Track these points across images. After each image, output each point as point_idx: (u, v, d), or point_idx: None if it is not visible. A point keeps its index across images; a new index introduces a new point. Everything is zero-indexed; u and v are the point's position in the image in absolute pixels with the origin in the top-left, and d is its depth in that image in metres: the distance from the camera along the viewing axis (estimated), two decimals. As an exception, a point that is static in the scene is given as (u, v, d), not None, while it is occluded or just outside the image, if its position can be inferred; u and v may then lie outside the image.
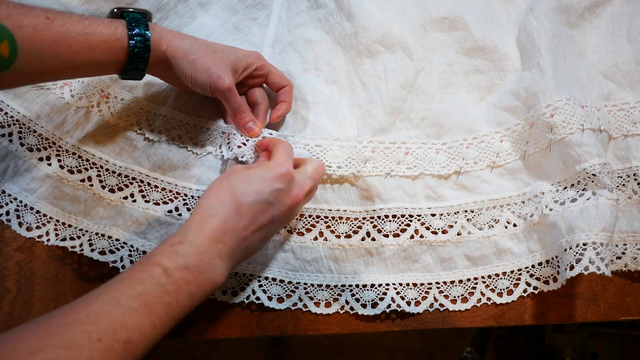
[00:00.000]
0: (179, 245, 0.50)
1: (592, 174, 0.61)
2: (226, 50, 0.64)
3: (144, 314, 0.45)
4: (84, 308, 0.44)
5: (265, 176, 0.55)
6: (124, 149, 0.69)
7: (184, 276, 0.48)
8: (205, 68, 0.60)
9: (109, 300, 0.44)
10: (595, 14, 0.74)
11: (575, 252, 0.58)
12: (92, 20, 0.56)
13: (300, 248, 0.67)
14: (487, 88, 0.72)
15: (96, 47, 0.55)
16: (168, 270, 0.48)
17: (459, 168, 0.68)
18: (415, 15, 0.73)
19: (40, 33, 0.52)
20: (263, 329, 0.67)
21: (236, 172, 0.56)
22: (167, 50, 0.60)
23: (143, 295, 0.46)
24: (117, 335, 0.43)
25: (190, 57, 0.60)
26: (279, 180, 0.55)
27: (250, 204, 0.53)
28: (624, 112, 0.69)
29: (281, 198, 0.56)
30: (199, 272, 0.49)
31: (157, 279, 0.47)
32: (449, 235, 0.67)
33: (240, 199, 0.53)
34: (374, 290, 0.65)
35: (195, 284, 0.49)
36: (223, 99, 0.63)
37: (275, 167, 0.56)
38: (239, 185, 0.54)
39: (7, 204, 0.68)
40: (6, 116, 0.68)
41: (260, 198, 0.54)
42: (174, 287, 0.47)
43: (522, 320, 0.66)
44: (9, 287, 0.67)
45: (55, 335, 0.40)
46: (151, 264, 0.48)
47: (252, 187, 0.54)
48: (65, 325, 0.42)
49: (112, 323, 0.43)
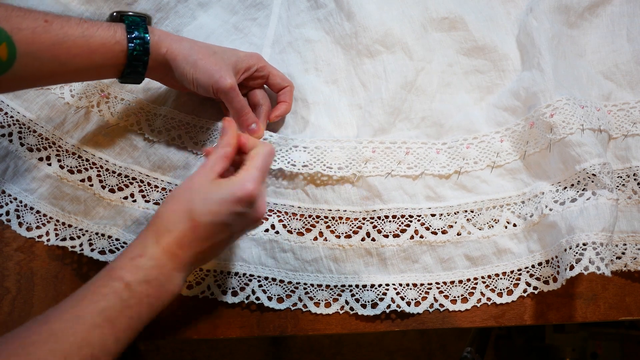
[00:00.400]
0: (139, 259, 0.49)
1: (592, 174, 0.61)
2: (226, 52, 0.63)
3: (107, 329, 0.45)
4: (46, 327, 0.44)
5: (226, 198, 0.51)
6: (124, 149, 0.69)
7: (145, 290, 0.48)
8: (206, 69, 0.60)
9: (71, 318, 0.45)
10: (595, 14, 0.74)
11: (575, 252, 0.58)
12: (91, 24, 0.55)
13: (300, 248, 0.67)
14: (487, 88, 0.72)
15: (95, 50, 0.55)
16: (130, 284, 0.48)
17: (459, 168, 0.68)
18: (415, 15, 0.73)
19: (39, 36, 0.52)
20: (263, 329, 0.67)
21: (197, 187, 0.52)
22: (166, 54, 0.60)
23: (106, 310, 0.46)
24: (82, 351, 0.43)
25: (191, 59, 0.60)
26: (239, 204, 0.51)
27: (206, 224, 0.51)
28: (624, 112, 0.69)
29: (241, 220, 0.53)
30: (159, 285, 0.50)
31: (120, 294, 0.47)
32: (448, 235, 0.67)
33: (197, 218, 0.51)
34: (374, 290, 0.65)
35: (155, 296, 0.49)
36: (226, 99, 0.63)
37: (239, 188, 0.51)
38: (197, 204, 0.51)
39: (7, 204, 0.68)
40: (6, 116, 0.68)
41: (217, 220, 0.51)
42: (135, 301, 0.48)
43: (522, 320, 0.66)
44: (9, 287, 0.67)
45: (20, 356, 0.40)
46: (112, 278, 0.48)
47: (209, 208, 0.51)
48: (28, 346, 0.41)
49: (76, 340, 0.43)
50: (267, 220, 0.67)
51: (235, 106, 0.63)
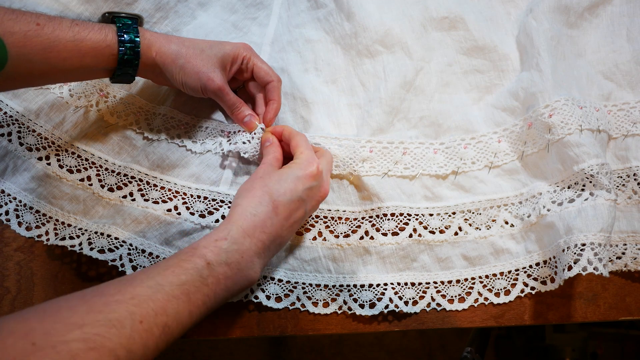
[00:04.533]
0: (222, 241, 0.52)
1: (590, 175, 0.61)
2: (214, 47, 0.64)
3: (183, 303, 0.47)
4: (130, 289, 0.45)
5: (299, 175, 0.57)
6: (123, 148, 0.69)
7: (224, 271, 0.51)
8: (194, 72, 0.61)
9: (154, 285, 0.47)
10: (595, 14, 0.74)
11: (574, 252, 0.58)
12: (83, 27, 0.56)
13: (299, 248, 0.67)
14: (486, 88, 0.72)
15: (86, 53, 0.56)
16: (211, 264, 0.51)
17: (456, 168, 0.68)
18: (415, 14, 0.73)
19: (30, 39, 0.53)
20: (263, 329, 0.67)
21: (268, 173, 0.58)
22: (156, 57, 0.61)
23: (185, 284, 0.48)
24: (158, 319, 0.45)
25: (179, 62, 0.61)
26: (311, 178, 0.58)
27: (285, 203, 0.56)
28: (624, 112, 0.69)
29: (313, 194, 0.59)
30: (238, 269, 0.53)
31: (200, 271, 0.50)
32: (446, 235, 0.67)
33: (277, 198, 0.56)
34: (372, 290, 0.65)
35: (233, 279, 0.52)
36: (216, 98, 0.64)
37: (307, 165, 0.58)
38: (274, 185, 0.56)
39: (6, 204, 0.68)
40: (5, 115, 0.68)
41: (295, 196, 0.57)
42: (214, 280, 0.50)
43: (522, 320, 0.66)
44: (9, 287, 0.68)
45: (101, 313, 0.42)
46: (196, 255, 0.51)
47: (286, 186, 0.56)
48: (110, 304, 0.43)
49: (154, 307, 0.45)
50: None
51: (227, 104, 0.65)
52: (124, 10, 0.70)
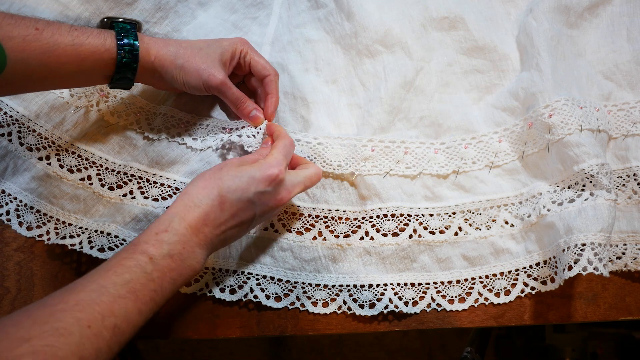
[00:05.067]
0: (163, 234, 0.52)
1: (590, 175, 0.61)
2: (211, 45, 0.64)
3: (131, 301, 0.47)
4: (73, 296, 0.45)
5: (255, 176, 0.56)
6: (124, 147, 0.69)
7: (168, 264, 0.51)
8: (194, 70, 0.61)
9: (97, 288, 0.46)
10: (595, 14, 0.74)
11: (574, 252, 0.58)
12: (81, 31, 0.56)
13: (298, 247, 0.67)
14: (486, 88, 0.72)
15: (85, 58, 0.56)
16: (154, 258, 0.50)
17: (457, 168, 0.68)
18: (415, 14, 0.73)
19: (29, 44, 0.53)
20: (263, 329, 0.67)
21: (228, 166, 0.57)
22: (155, 61, 0.61)
23: (130, 283, 0.47)
24: (106, 321, 0.44)
25: (178, 62, 0.61)
26: (266, 182, 0.56)
27: (233, 201, 0.55)
28: (624, 112, 0.69)
29: (265, 200, 0.57)
30: (181, 260, 0.52)
31: (144, 267, 0.49)
32: (446, 235, 0.67)
33: (225, 194, 0.55)
34: (372, 290, 0.65)
35: (178, 271, 0.52)
36: (219, 94, 0.64)
37: (267, 168, 0.57)
38: (227, 181, 0.55)
39: (7, 204, 0.69)
40: (5, 115, 0.68)
41: (244, 197, 0.55)
42: (159, 274, 0.50)
43: (522, 320, 0.66)
44: (9, 287, 0.68)
45: (46, 323, 0.42)
46: (137, 251, 0.50)
47: (238, 184, 0.55)
48: (56, 313, 0.43)
49: (100, 310, 0.44)
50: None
51: (230, 98, 0.64)
52: (124, 11, 0.70)
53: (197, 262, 0.54)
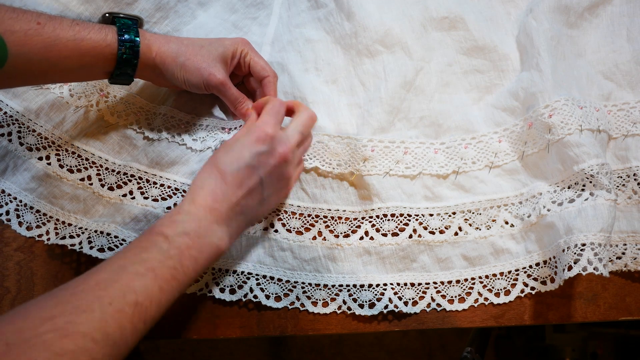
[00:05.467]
0: (176, 216, 0.53)
1: (590, 175, 0.61)
2: (213, 44, 0.64)
3: (150, 279, 0.48)
4: (93, 277, 0.46)
5: (244, 142, 0.56)
6: (124, 147, 0.69)
7: (185, 241, 0.51)
8: (195, 68, 0.62)
9: (116, 268, 0.47)
10: (595, 14, 0.74)
11: (574, 252, 0.58)
12: (83, 26, 0.56)
13: (298, 247, 0.67)
14: (486, 88, 0.72)
15: (86, 52, 0.56)
16: (169, 237, 0.51)
17: (457, 168, 0.68)
18: (415, 14, 0.73)
19: (30, 38, 0.53)
20: (263, 329, 0.67)
21: (221, 145, 0.58)
22: (156, 57, 0.61)
23: (147, 261, 0.48)
24: (127, 298, 0.45)
25: (179, 60, 0.61)
26: (257, 143, 0.56)
27: (233, 172, 0.55)
28: (624, 112, 0.69)
29: (264, 159, 0.57)
30: (198, 237, 0.52)
31: (160, 245, 0.50)
32: (446, 235, 0.67)
33: (223, 167, 0.55)
34: (372, 290, 0.65)
35: (197, 248, 0.52)
36: (219, 93, 0.64)
37: (254, 130, 0.57)
38: (221, 157, 0.56)
39: (6, 204, 0.69)
40: (5, 115, 0.68)
41: (242, 164, 0.56)
42: (176, 252, 0.50)
43: (522, 320, 0.66)
44: (9, 287, 0.68)
45: (68, 303, 0.43)
46: (153, 233, 0.51)
47: (231, 154, 0.56)
48: (77, 294, 0.44)
49: (120, 287, 0.45)
50: (266, 218, 0.68)
51: (229, 98, 0.65)
52: (124, 11, 0.71)
53: (218, 238, 0.54)
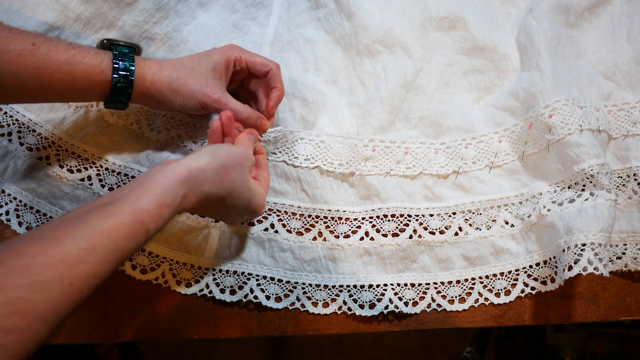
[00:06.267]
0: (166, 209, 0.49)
1: (590, 175, 0.61)
2: (202, 61, 0.63)
3: (115, 265, 0.45)
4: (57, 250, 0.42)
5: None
6: (124, 148, 0.69)
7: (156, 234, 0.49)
8: (189, 92, 0.61)
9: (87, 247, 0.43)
10: (595, 14, 0.74)
11: (574, 252, 0.58)
12: (79, 50, 0.56)
13: (298, 248, 0.67)
14: (486, 88, 0.72)
15: (79, 77, 0.56)
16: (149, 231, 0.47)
17: (457, 168, 0.68)
18: (415, 14, 0.73)
19: (24, 59, 0.53)
20: (263, 329, 0.67)
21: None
22: (150, 87, 0.60)
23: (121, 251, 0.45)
24: (89, 281, 0.43)
25: (173, 86, 0.61)
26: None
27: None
28: (624, 112, 0.69)
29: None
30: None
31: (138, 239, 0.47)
32: (446, 235, 0.67)
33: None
34: (372, 291, 0.65)
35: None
36: (218, 111, 0.63)
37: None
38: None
39: (6, 204, 0.68)
40: (5, 116, 0.68)
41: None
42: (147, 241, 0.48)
43: (522, 320, 0.66)
44: (9, 287, 0.67)
45: (23, 275, 0.39)
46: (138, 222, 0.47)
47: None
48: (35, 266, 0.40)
49: (87, 271, 0.42)
50: (267, 219, 0.68)
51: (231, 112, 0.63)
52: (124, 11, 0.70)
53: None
